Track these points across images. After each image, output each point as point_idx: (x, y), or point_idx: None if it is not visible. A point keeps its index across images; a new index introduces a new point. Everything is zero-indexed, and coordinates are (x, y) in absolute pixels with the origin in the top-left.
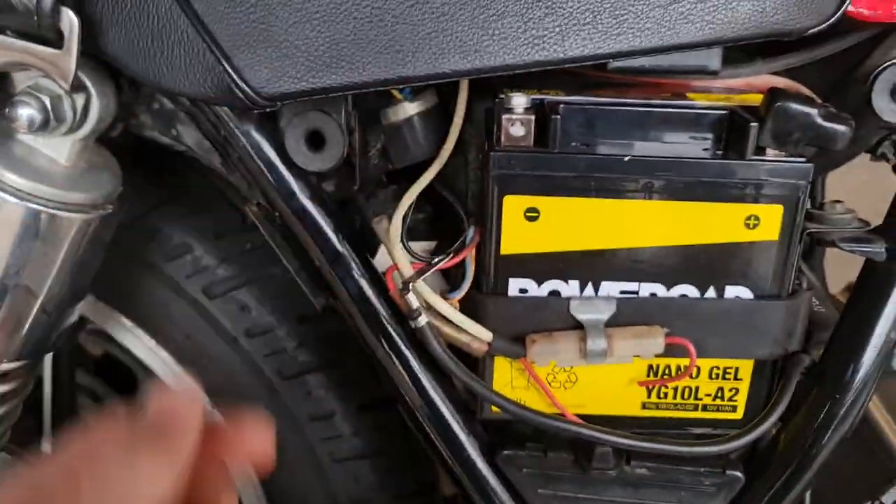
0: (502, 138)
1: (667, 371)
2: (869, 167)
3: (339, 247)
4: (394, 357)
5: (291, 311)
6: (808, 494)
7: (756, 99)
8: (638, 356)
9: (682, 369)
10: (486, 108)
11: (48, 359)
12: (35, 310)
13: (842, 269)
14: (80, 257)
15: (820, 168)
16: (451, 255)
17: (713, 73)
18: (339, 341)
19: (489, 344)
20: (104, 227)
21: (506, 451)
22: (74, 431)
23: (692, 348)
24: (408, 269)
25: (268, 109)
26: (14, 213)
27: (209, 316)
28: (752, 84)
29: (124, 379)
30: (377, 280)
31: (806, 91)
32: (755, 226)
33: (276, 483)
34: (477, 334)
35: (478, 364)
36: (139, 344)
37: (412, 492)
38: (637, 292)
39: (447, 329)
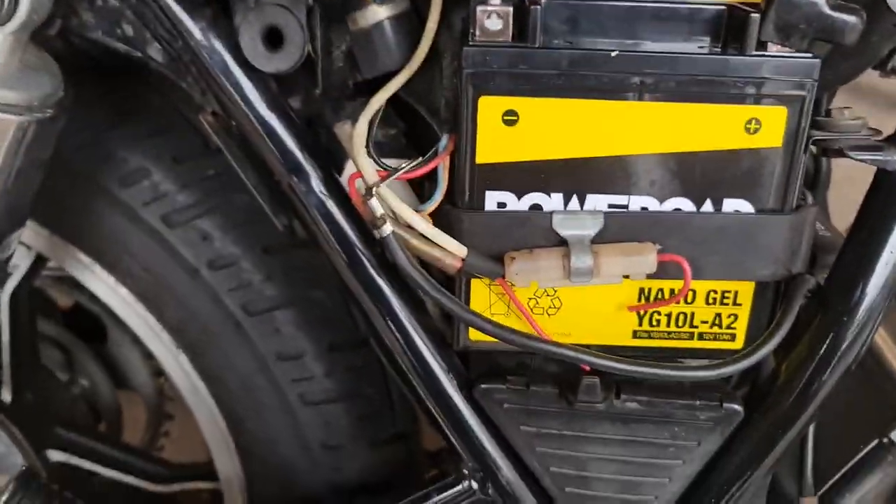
0: (477, 32)
1: (660, 294)
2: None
3: (300, 158)
4: (361, 280)
5: (257, 242)
6: (811, 430)
7: None
8: (627, 276)
9: (677, 292)
10: (462, 18)
11: (5, 304)
12: None
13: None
14: (19, 169)
15: (826, 83)
16: (421, 163)
17: None
18: (308, 275)
19: (463, 260)
20: (43, 135)
21: (484, 385)
22: None
23: (687, 266)
24: (372, 175)
25: None
26: None
27: (169, 246)
28: None
29: (93, 329)
30: (343, 197)
31: None
32: (756, 130)
33: (245, 427)
34: (450, 248)
35: (452, 290)
36: (97, 282)
37: (388, 439)
38: (627, 206)
39: (416, 242)
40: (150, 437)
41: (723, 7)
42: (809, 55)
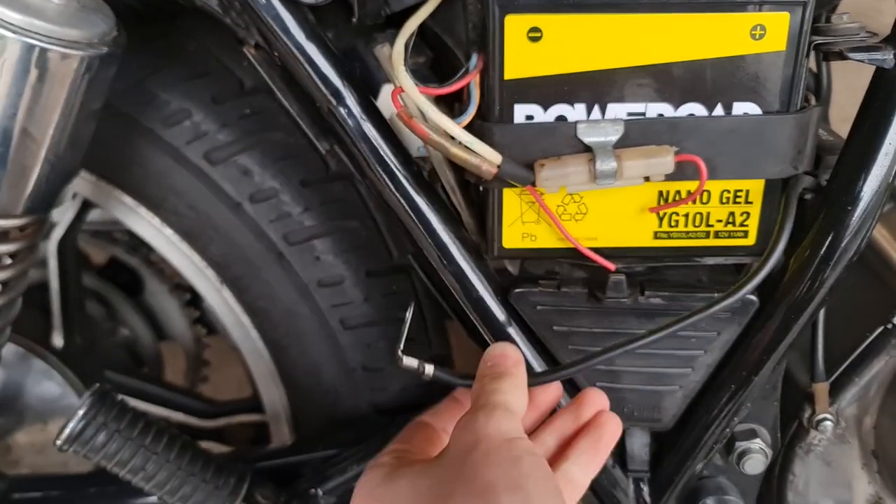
0: None
1: (677, 196)
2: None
3: (339, 84)
4: (401, 197)
5: (295, 175)
6: (821, 320)
7: None
8: (648, 177)
9: (693, 191)
10: None
11: (53, 253)
12: (40, 160)
13: None
14: (82, 104)
15: None
16: (455, 80)
17: None
18: (343, 207)
19: (498, 167)
20: (102, 72)
21: (518, 289)
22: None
23: (702, 164)
24: (412, 88)
25: None
26: (12, 49)
27: (212, 183)
28: None
29: (129, 283)
30: (380, 119)
31: None
32: (762, 36)
33: (289, 356)
34: (486, 156)
35: (487, 202)
36: (143, 223)
37: (428, 360)
38: (644, 113)
39: (456, 150)
40: (191, 382)
41: None
42: None
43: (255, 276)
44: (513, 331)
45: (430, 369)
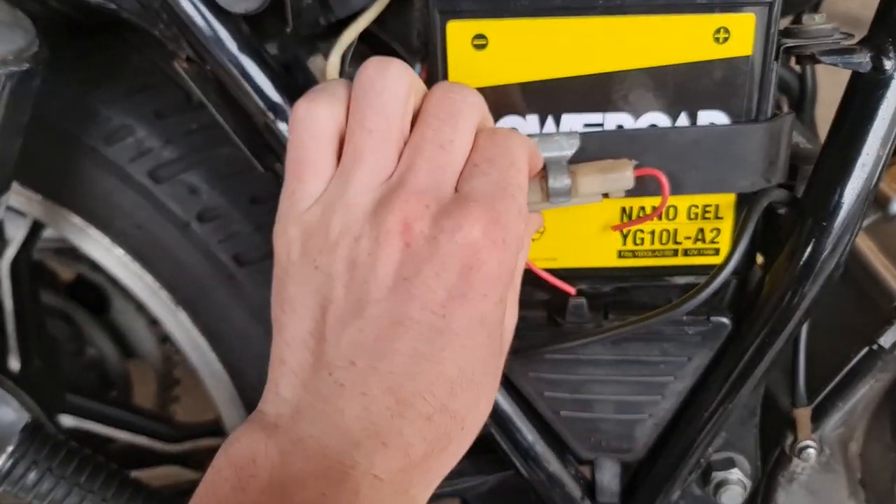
0: None
1: (641, 213)
2: None
3: (276, 98)
4: None
5: (244, 193)
6: (802, 342)
7: None
8: (607, 194)
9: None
10: None
11: (6, 273)
12: None
13: None
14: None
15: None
16: None
17: None
18: None
19: None
20: (21, 91)
21: None
22: None
23: (664, 179)
24: None
25: None
26: None
27: (158, 202)
28: None
29: (97, 299)
30: None
31: None
32: (726, 40)
33: (248, 380)
34: None
35: None
36: (93, 244)
37: None
38: (602, 125)
39: None
40: (161, 402)
41: None
42: None
43: (207, 297)
44: None
45: None
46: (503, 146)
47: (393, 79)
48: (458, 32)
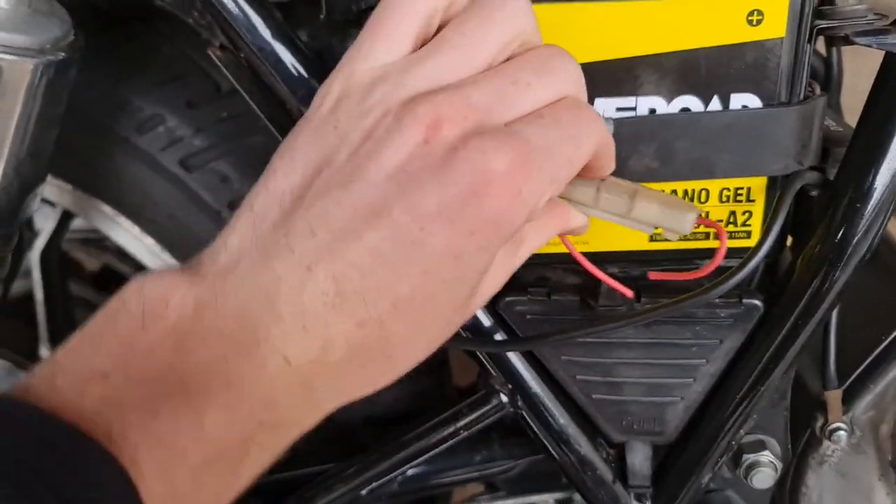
0: None
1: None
2: None
3: (309, 85)
4: None
5: None
6: (833, 325)
7: None
8: (658, 229)
9: (690, 193)
10: None
11: (37, 263)
12: None
13: None
14: (38, 114)
15: None
16: None
17: None
18: None
19: None
20: (59, 79)
21: (506, 298)
22: None
23: (723, 234)
24: None
25: None
26: None
27: (189, 191)
28: None
29: None
30: None
31: None
32: (759, 22)
33: None
34: None
35: None
36: (123, 233)
37: (419, 370)
38: (635, 108)
39: None
40: None
41: None
42: None
43: None
44: (500, 338)
45: None
46: (580, 119)
47: (515, 11)
48: None
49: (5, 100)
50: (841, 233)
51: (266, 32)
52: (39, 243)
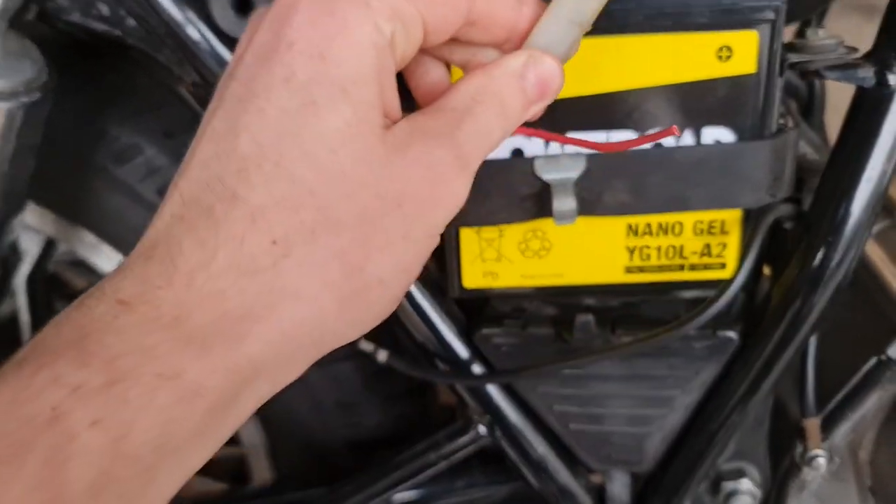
0: None
1: (647, 229)
2: None
3: None
4: None
5: None
6: (811, 353)
7: None
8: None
9: (665, 226)
10: None
11: (22, 288)
12: None
13: None
14: (12, 154)
15: (806, 7)
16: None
17: None
18: None
19: None
20: (31, 120)
21: (482, 330)
22: None
23: None
24: None
25: None
26: None
27: None
28: None
29: None
30: None
31: None
32: (729, 58)
33: None
34: None
35: (445, 242)
36: (106, 260)
37: (402, 394)
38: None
39: None
40: None
41: None
42: None
43: None
44: (477, 368)
45: (383, 355)
46: None
47: None
48: None
49: None
50: (815, 265)
51: None
52: (24, 269)
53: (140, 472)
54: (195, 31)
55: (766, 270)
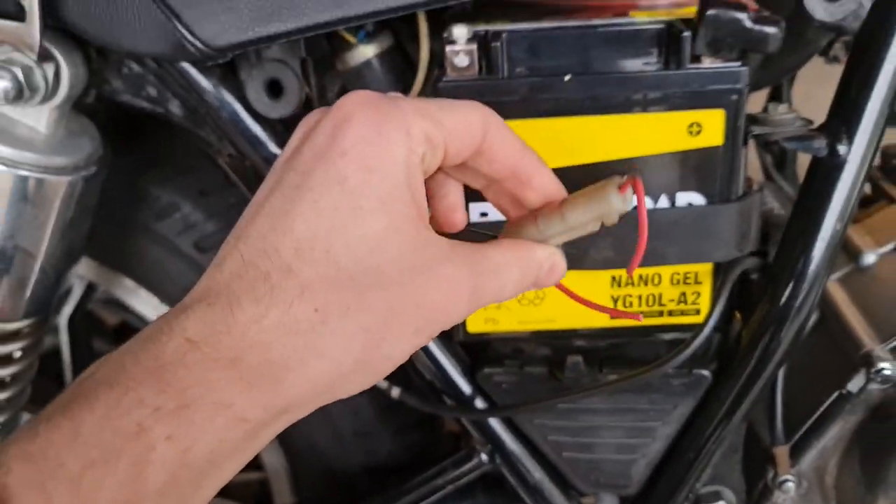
0: (448, 69)
1: (629, 280)
2: None
3: None
4: None
5: None
6: (779, 388)
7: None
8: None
9: (645, 277)
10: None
11: (64, 327)
12: (35, 271)
13: None
14: (71, 218)
15: (778, 74)
16: None
17: None
18: None
19: None
20: (89, 188)
21: (485, 370)
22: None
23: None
24: None
25: (220, 60)
26: (4, 180)
27: (203, 269)
28: None
29: None
30: None
31: None
32: (699, 132)
33: None
34: None
35: None
36: (144, 303)
37: (413, 425)
38: None
39: None
40: None
41: (662, 26)
42: (738, 63)
43: None
44: (479, 403)
45: (396, 391)
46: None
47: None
48: None
49: (43, 210)
50: (778, 312)
51: (271, 146)
52: (67, 310)
53: (195, 478)
54: (233, 111)
55: (738, 315)
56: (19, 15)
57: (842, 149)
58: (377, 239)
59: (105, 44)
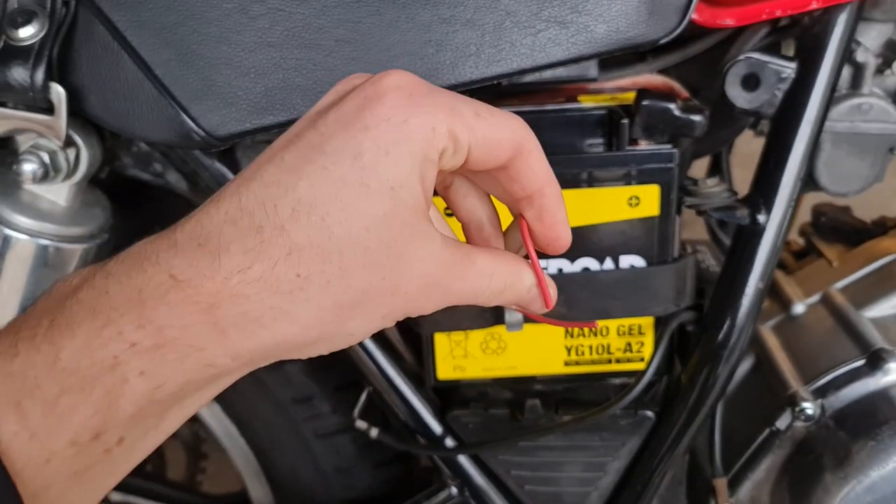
0: None
1: (581, 332)
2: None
3: None
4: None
5: None
6: (717, 426)
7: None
8: None
9: (594, 329)
10: None
11: None
12: None
13: None
14: None
15: (715, 145)
16: None
17: (593, 80)
18: None
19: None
20: (101, 254)
21: (454, 412)
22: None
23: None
24: None
25: (222, 147)
26: (27, 248)
27: None
28: (637, 83)
29: None
30: None
31: (677, 87)
32: (637, 204)
33: (271, 460)
34: None
35: (421, 342)
36: None
37: (390, 460)
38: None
39: None
40: (190, 474)
41: (604, 112)
42: (669, 146)
43: (238, 395)
44: (449, 442)
45: (374, 432)
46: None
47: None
48: None
49: (60, 274)
50: (710, 359)
51: None
52: None
53: (160, 411)
54: None
55: (678, 361)
56: (49, 109)
57: (761, 218)
58: (375, 220)
59: (121, 132)
